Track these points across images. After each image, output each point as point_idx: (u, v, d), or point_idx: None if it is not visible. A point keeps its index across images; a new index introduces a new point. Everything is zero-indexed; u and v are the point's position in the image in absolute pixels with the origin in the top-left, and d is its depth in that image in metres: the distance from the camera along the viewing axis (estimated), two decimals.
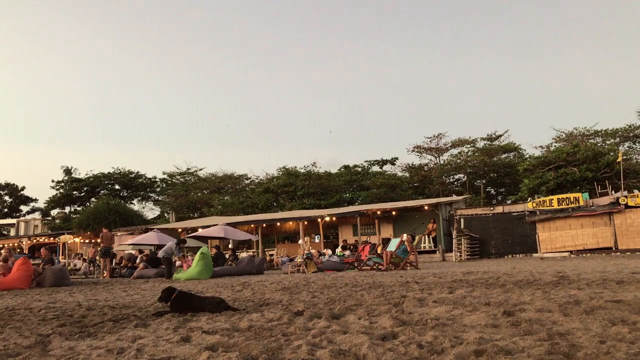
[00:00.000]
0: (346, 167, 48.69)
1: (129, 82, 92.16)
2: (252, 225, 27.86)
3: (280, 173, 45.90)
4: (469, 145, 42.59)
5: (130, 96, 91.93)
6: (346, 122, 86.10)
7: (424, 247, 24.16)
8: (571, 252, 21.84)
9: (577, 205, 22.51)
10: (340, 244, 24.79)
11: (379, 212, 26.06)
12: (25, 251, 31.98)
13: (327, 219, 26.55)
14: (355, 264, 16.61)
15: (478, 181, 42.38)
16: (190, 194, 48.25)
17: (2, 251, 14.66)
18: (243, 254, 22.41)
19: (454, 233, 23.92)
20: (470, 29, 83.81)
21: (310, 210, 33.68)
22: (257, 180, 48.84)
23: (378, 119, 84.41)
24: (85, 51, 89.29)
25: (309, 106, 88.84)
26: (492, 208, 25.45)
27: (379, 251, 17.30)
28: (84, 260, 24.87)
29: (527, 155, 40.31)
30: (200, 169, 51.54)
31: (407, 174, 44.20)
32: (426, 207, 25.28)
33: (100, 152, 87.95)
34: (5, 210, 58.55)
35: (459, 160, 41.73)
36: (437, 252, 23.75)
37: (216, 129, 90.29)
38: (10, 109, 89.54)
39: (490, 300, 5.45)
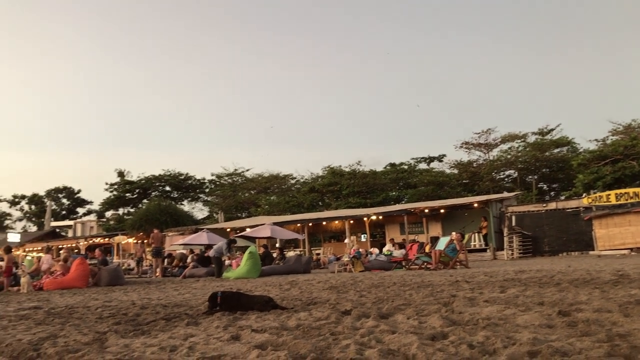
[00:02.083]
0: (392, 164, 48.26)
1: (176, 87, 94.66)
2: (299, 225, 28.01)
3: (325, 172, 45.99)
4: (519, 140, 41.39)
5: (179, 100, 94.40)
6: (392, 120, 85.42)
7: (474, 245, 23.64)
8: (631, 249, 20.84)
9: (638, 200, 21.48)
10: (388, 242, 24.59)
11: (426, 210, 25.70)
12: (82, 252, 33.32)
13: (374, 217, 26.40)
14: (403, 263, 16.43)
15: (529, 177, 41.12)
16: (238, 194, 49.05)
17: (61, 252, 15.32)
18: (290, 253, 22.58)
19: (505, 231, 23.29)
20: (518, 21, 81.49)
21: (356, 209, 33.58)
22: (302, 180, 49.15)
23: (424, 115, 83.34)
24: (136, 57, 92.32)
25: (352, 105, 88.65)
26: (544, 204, 24.64)
27: (427, 250, 17.06)
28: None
29: (581, 150, 38.85)
30: (247, 170, 52.33)
31: (455, 171, 43.40)
32: (476, 205, 24.73)
33: (151, 155, 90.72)
34: (63, 212, 61.27)
35: (509, 156, 40.62)
36: (488, 250, 23.19)
37: (261, 130, 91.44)
38: (67, 116, 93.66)
39: (544, 300, 5.27)
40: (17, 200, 61.54)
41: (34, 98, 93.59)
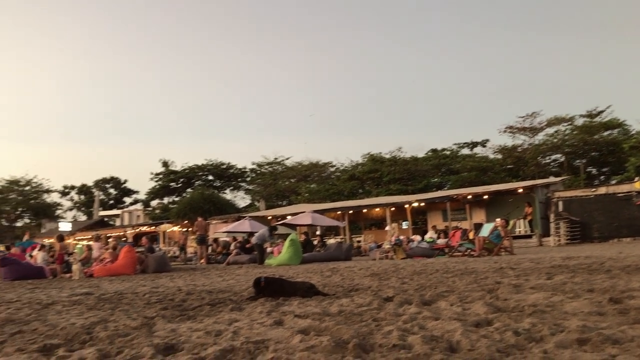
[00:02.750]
0: (434, 150, 47.56)
1: (218, 77, 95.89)
2: (339, 212, 28.04)
3: (365, 159, 45.76)
4: (566, 124, 40.01)
5: (220, 90, 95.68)
6: (433, 105, 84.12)
7: (519, 231, 23.11)
8: None
9: None
10: (430, 230, 24.32)
11: (469, 197, 25.25)
12: (130, 240, 34.39)
13: (415, 204, 26.12)
14: (446, 250, 16.24)
15: (577, 161, 39.77)
16: (278, 182, 49.49)
17: (109, 240, 15.88)
18: (331, 241, 22.66)
19: (552, 216, 22.65)
20: (563, 3, 78.39)
21: (397, 196, 33.34)
22: (342, 168, 49.09)
23: (466, 99, 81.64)
24: (176, 49, 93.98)
25: (392, 90, 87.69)
26: (594, 189, 23.81)
27: (470, 237, 16.79)
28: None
29: (633, 132, 37.19)
30: (287, 158, 52.65)
31: (499, 156, 42.42)
32: (521, 190, 24.13)
33: (194, 145, 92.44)
34: (111, 202, 63.34)
35: (555, 140, 39.36)
36: (534, 236, 22.62)
37: (301, 119, 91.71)
38: (114, 108, 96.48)
39: (594, 287, 5.10)
40: (67, 190, 64.00)
41: (81, 91, 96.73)
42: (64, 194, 63.83)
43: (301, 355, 2.78)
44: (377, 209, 28.86)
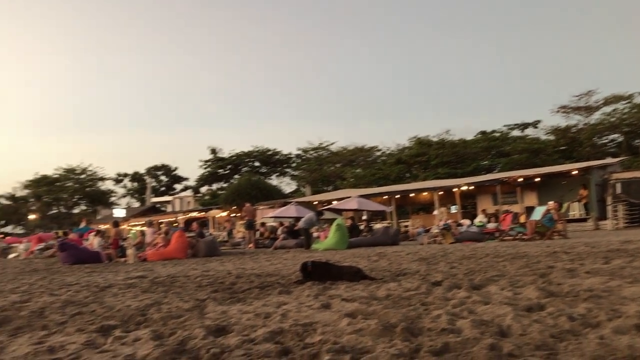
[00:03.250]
0: (483, 133, 46.36)
1: (263, 64, 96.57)
2: (385, 197, 27.85)
3: (412, 143, 45.16)
4: (624, 102, 38.10)
5: (266, 77, 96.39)
6: (481, 86, 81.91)
7: (574, 215, 22.31)
8: None
9: None
10: (479, 213, 23.83)
11: (520, 179, 24.54)
12: (181, 225, 35.36)
13: (464, 188, 25.61)
14: (496, 234, 15.89)
15: (637, 141, 37.89)
16: (324, 167, 49.59)
17: (161, 225, 16.37)
18: (377, 226, 22.57)
19: (609, 199, 21.74)
20: None
21: (445, 179, 32.80)
22: (388, 152, 48.65)
23: (517, 80, 79.03)
24: (224, 37, 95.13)
25: (439, 72, 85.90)
26: None
27: (522, 220, 16.35)
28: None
29: None
30: (332, 143, 52.62)
31: (552, 137, 40.97)
32: (575, 172, 23.25)
33: (241, 132, 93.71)
34: (162, 188, 65.27)
35: (612, 119, 37.62)
36: (589, 220, 21.80)
37: (345, 103, 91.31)
38: (163, 96, 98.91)
39: None
40: (120, 178, 66.40)
41: (131, 82, 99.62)
42: (117, 181, 66.27)
43: (349, 338, 2.79)
44: (425, 193, 28.48)
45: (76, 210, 59.37)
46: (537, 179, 24.55)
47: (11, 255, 21.40)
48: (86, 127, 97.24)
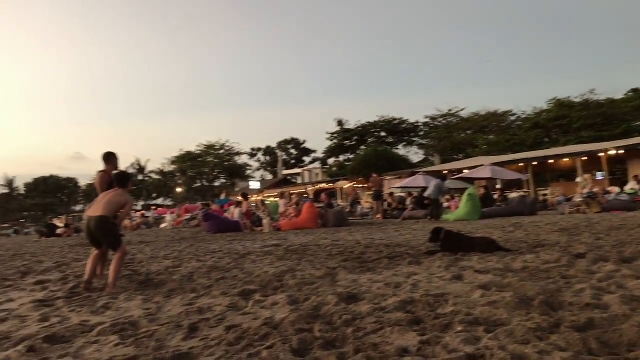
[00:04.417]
0: (635, 90, 41.38)
1: (387, 33, 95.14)
2: (521, 164, 26.26)
3: (551, 105, 41.77)
4: None
5: (391, 46, 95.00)
6: (631, 38, 72.92)
7: None
8: None
9: None
10: (631, 180, 21.52)
11: None
12: (311, 196, 36.61)
13: (612, 152, 23.23)
14: None
15: None
16: (453, 135, 47.94)
17: (293, 197, 17.08)
18: (513, 195, 21.42)
19: None
20: None
21: (589, 144, 30.03)
22: (524, 116, 45.56)
23: None
24: (350, 11, 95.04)
25: (576, 22, 77.85)
26: None
27: None
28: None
29: None
30: (462, 109, 50.51)
31: None
32: None
33: (367, 102, 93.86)
34: (292, 161, 67.92)
35: None
36: None
37: (475, 67, 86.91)
38: (289, 73, 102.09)
39: None
40: (254, 152, 70.34)
41: (258, 57, 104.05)
42: (251, 155, 70.26)
43: (482, 310, 2.72)
44: (566, 159, 26.35)
45: (217, 184, 64.25)
46: None
47: (162, 225, 23.87)
48: (222, 105, 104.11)
